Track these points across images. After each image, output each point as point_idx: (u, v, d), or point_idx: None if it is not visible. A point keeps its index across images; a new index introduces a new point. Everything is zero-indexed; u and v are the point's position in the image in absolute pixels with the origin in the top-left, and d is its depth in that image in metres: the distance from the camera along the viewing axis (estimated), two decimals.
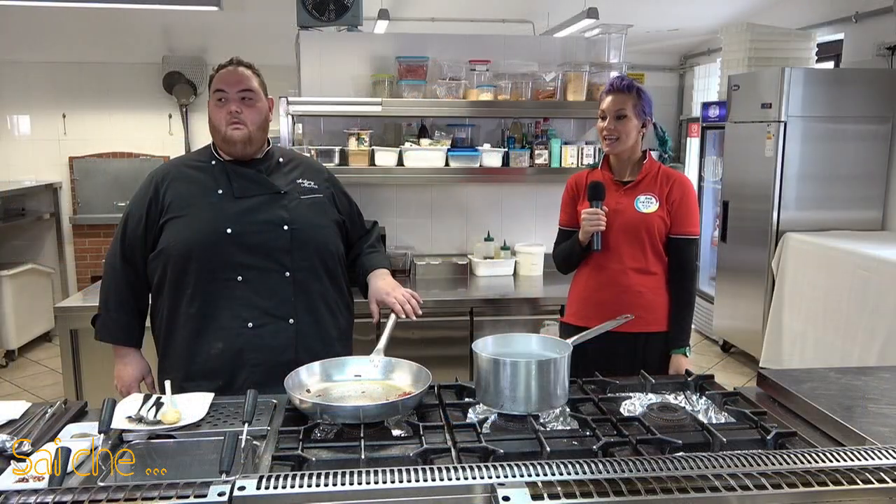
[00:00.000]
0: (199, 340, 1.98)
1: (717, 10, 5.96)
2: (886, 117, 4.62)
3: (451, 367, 3.14)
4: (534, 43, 4.00)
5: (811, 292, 4.30)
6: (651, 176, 2.36)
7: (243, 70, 2.02)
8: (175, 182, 2.04)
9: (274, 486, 1.10)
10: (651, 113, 2.37)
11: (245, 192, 2.02)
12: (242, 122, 1.98)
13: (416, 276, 3.65)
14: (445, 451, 1.43)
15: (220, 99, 1.99)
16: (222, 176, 2.03)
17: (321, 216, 2.12)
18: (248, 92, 2.00)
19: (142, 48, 5.96)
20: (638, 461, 1.19)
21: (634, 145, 2.35)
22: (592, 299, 2.40)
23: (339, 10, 3.55)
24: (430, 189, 3.80)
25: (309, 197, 2.11)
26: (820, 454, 1.23)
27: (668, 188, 2.34)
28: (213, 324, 1.97)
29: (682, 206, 2.33)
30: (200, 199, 2.01)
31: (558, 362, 1.60)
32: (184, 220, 1.99)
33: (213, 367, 1.96)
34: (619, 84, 2.34)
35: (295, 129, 3.65)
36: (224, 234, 1.96)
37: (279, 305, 2.00)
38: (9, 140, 6.03)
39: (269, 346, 1.98)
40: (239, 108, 1.98)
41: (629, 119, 2.30)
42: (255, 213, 2.00)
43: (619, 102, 2.30)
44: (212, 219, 1.98)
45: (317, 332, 2.06)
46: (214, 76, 2.03)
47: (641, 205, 2.33)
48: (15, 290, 5.07)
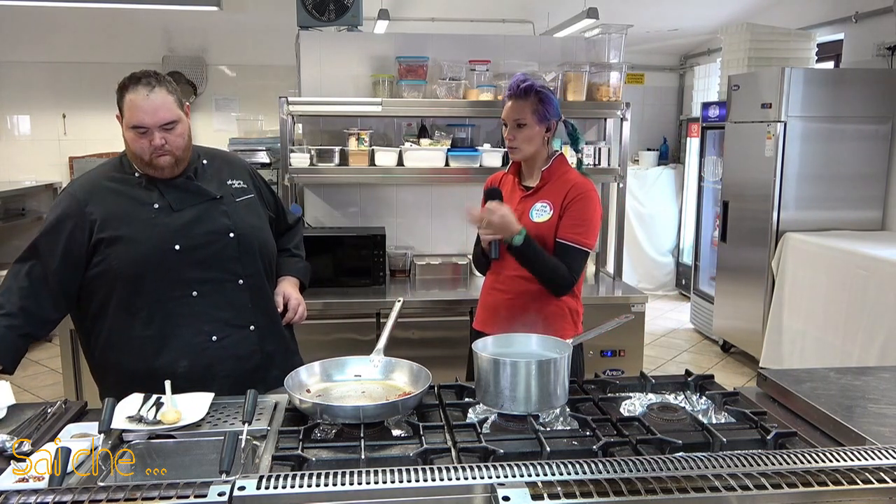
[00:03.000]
0: (159, 360, 1.88)
1: (717, 10, 5.96)
2: (886, 117, 4.62)
3: (451, 367, 3.14)
4: (534, 43, 4.01)
5: (811, 292, 4.30)
6: (552, 182, 2.24)
7: (158, 97, 1.82)
8: (99, 198, 1.88)
9: (274, 486, 1.10)
10: (556, 113, 2.24)
11: (182, 204, 1.91)
12: (167, 151, 1.85)
13: (416, 276, 3.65)
14: (445, 451, 1.43)
15: (141, 132, 1.82)
16: (152, 189, 1.90)
17: (257, 217, 2.07)
18: (170, 124, 1.84)
19: (142, 48, 5.96)
20: (638, 461, 1.19)
21: (538, 151, 2.24)
22: (489, 304, 2.36)
23: (339, 10, 3.55)
24: (430, 189, 3.79)
25: (243, 199, 2.04)
26: (820, 454, 1.23)
27: (564, 194, 2.21)
28: (175, 342, 1.89)
29: (571, 213, 2.19)
30: (137, 216, 1.88)
31: (558, 362, 1.60)
32: (125, 240, 1.85)
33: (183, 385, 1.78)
34: (516, 89, 2.20)
35: (295, 129, 3.66)
36: (172, 251, 1.87)
37: (238, 314, 1.96)
38: (9, 140, 6.03)
39: (235, 355, 1.95)
40: (163, 141, 1.83)
41: (529, 126, 2.19)
42: (198, 225, 1.92)
43: (518, 110, 2.19)
44: (156, 236, 1.86)
45: (274, 333, 2.05)
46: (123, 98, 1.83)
47: (535, 213, 2.22)
48: None
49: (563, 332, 2.21)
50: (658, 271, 7.16)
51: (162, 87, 1.84)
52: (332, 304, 3.17)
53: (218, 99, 6.17)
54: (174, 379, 1.75)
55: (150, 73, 1.85)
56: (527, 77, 2.25)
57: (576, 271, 2.20)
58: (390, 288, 3.49)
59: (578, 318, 2.34)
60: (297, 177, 3.43)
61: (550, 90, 2.27)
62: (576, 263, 2.20)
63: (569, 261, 2.18)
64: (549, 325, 2.20)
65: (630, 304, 3.25)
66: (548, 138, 2.25)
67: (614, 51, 3.73)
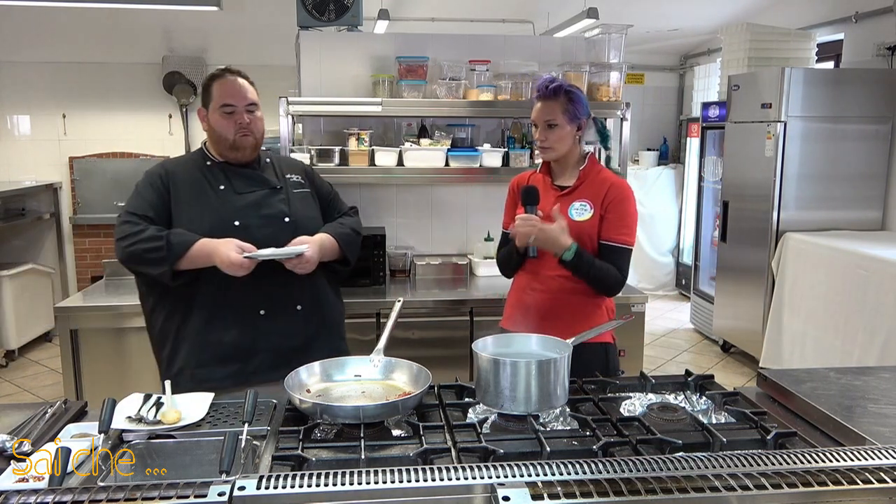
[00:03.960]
0: (211, 328, 2.07)
1: (717, 10, 5.96)
2: (886, 117, 4.62)
3: (451, 367, 3.14)
4: (534, 43, 4.00)
5: (811, 292, 4.30)
6: (589, 181, 2.25)
7: (244, 83, 2.15)
8: (175, 177, 2.15)
9: (274, 486, 1.10)
10: (586, 111, 2.24)
11: (245, 188, 2.16)
12: (251, 131, 2.14)
13: (416, 276, 3.65)
14: (445, 451, 1.43)
15: (228, 112, 2.11)
16: (220, 175, 2.16)
17: (312, 209, 2.29)
18: (253, 105, 2.15)
19: (142, 48, 5.96)
20: (638, 461, 1.19)
21: (570, 150, 2.25)
22: (523, 304, 2.33)
23: (339, 10, 3.55)
24: (430, 189, 3.79)
25: (299, 191, 2.28)
26: (820, 454, 1.23)
27: (603, 193, 2.21)
28: (226, 311, 2.08)
29: (613, 212, 2.20)
30: (205, 194, 2.13)
31: (558, 362, 1.60)
32: (193, 211, 2.09)
33: (226, 354, 2.07)
34: (545, 90, 2.20)
35: (295, 129, 3.66)
36: (232, 227, 2.08)
37: (287, 294, 2.13)
38: (9, 140, 6.03)
39: (279, 332, 2.11)
40: (248, 119, 2.13)
41: (560, 126, 2.19)
42: (258, 208, 2.14)
43: (548, 111, 2.19)
44: (219, 211, 2.10)
45: (320, 317, 2.21)
46: (212, 85, 2.14)
47: (575, 212, 2.22)
48: (15, 290, 5.07)
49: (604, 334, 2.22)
50: (658, 271, 7.16)
51: (244, 78, 2.18)
52: None
53: None
54: (221, 346, 2.06)
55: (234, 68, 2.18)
56: (555, 77, 2.25)
57: (625, 271, 2.22)
58: (390, 288, 3.49)
59: (613, 317, 2.32)
60: None
61: (579, 89, 2.26)
62: (624, 263, 2.22)
63: (617, 261, 2.20)
64: (587, 323, 2.19)
65: (630, 304, 3.25)
66: (579, 137, 2.26)
67: (614, 51, 3.72)
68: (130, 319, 3.18)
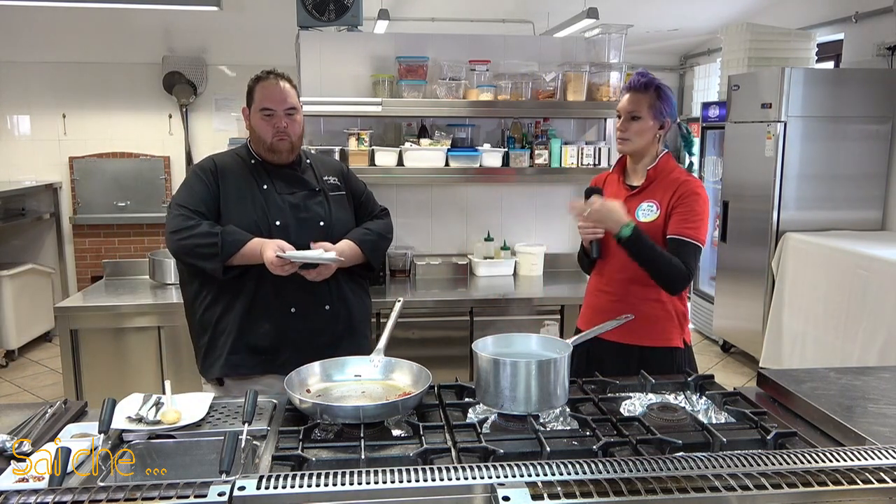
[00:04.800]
0: (248, 319, 2.18)
1: (717, 10, 5.96)
2: (886, 117, 4.62)
3: (451, 367, 3.14)
4: (534, 43, 4.00)
5: (811, 292, 4.30)
6: (658, 181, 2.20)
7: (286, 87, 2.21)
8: (226, 172, 2.24)
9: (274, 486, 1.10)
10: (672, 114, 2.22)
11: (286, 189, 2.26)
12: (287, 135, 2.21)
13: (416, 276, 3.65)
14: (445, 451, 1.43)
15: (267, 115, 2.18)
16: (264, 173, 2.25)
17: (346, 212, 2.37)
18: (292, 109, 2.21)
19: (142, 48, 5.95)
20: (638, 461, 1.19)
21: (647, 147, 2.21)
22: (595, 305, 2.33)
23: (339, 10, 3.55)
24: (430, 189, 3.79)
25: (336, 194, 2.36)
26: (820, 454, 1.23)
27: (671, 193, 2.17)
28: (263, 305, 2.19)
29: (679, 209, 2.14)
30: (248, 192, 2.22)
31: (558, 362, 1.60)
32: (239, 208, 2.19)
33: (259, 344, 2.19)
34: (636, 82, 2.20)
35: None
36: (273, 226, 2.18)
37: (317, 294, 2.22)
38: (9, 140, 6.03)
39: (309, 328, 2.22)
40: (286, 123, 2.19)
41: (643, 120, 2.17)
42: (297, 210, 2.24)
43: (634, 102, 2.18)
44: (260, 210, 2.19)
45: (347, 317, 2.30)
46: (256, 87, 2.21)
47: (642, 213, 2.19)
48: (15, 290, 5.07)
49: (670, 337, 2.20)
50: None
51: (286, 80, 2.23)
52: None
53: (218, 99, 6.17)
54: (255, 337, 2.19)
55: (278, 71, 2.23)
56: (648, 73, 2.24)
57: (692, 266, 2.13)
58: (390, 288, 3.49)
59: (685, 322, 2.27)
60: None
61: (670, 89, 2.25)
62: (690, 258, 2.12)
63: (683, 255, 2.11)
64: (655, 328, 2.19)
65: None
66: (660, 136, 2.22)
67: (614, 51, 3.72)
68: (130, 319, 3.19)
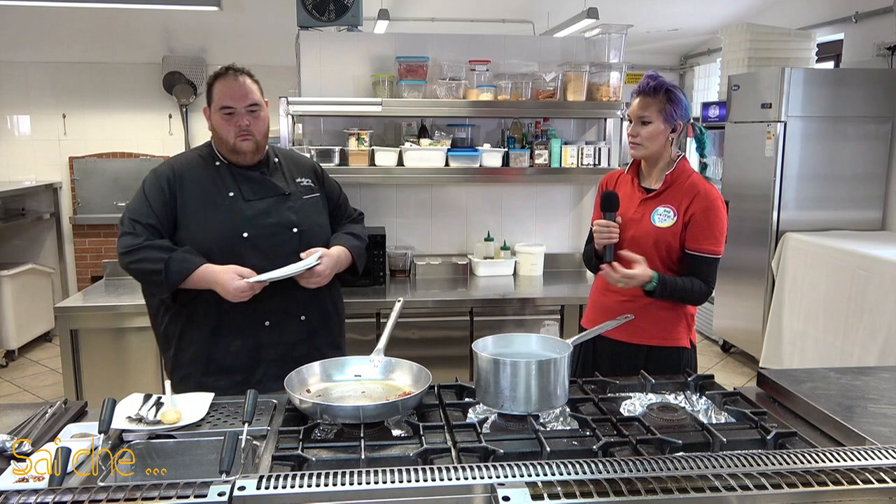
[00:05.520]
0: (216, 338, 2.05)
1: (717, 10, 5.96)
2: (886, 117, 4.61)
3: (451, 367, 3.14)
4: (534, 43, 4.00)
5: (811, 292, 4.30)
6: (675, 186, 2.19)
7: (247, 82, 2.06)
8: (185, 181, 2.08)
9: (274, 486, 1.10)
10: (685, 116, 2.20)
11: (254, 195, 2.10)
12: (251, 134, 2.06)
13: (416, 276, 3.65)
14: (445, 451, 1.43)
15: (228, 114, 2.04)
16: (229, 178, 2.10)
17: (321, 215, 2.23)
18: (255, 106, 2.06)
19: (142, 48, 5.96)
20: (638, 461, 1.19)
21: (660, 151, 2.20)
22: (599, 304, 2.34)
23: (339, 10, 3.55)
24: (430, 189, 3.79)
25: (310, 197, 2.20)
26: (820, 454, 1.23)
27: (689, 201, 2.16)
28: (232, 321, 2.05)
29: (699, 222, 2.15)
30: (214, 200, 2.06)
31: (558, 362, 1.60)
32: (202, 220, 2.04)
33: (232, 364, 2.06)
34: (646, 86, 2.18)
35: (295, 129, 3.66)
36: (240, 238, 2.04)
37: (291, 303, 2.10)
38: (9, 140, 6.03)
39: (284, 342, 2.10)
40: (248, 122, 2.04)
41: (654, 124, 2.16)
42: (266, 217, 2.08)
43: (644, 107, 2.17)
44: (228, 221, 2.04)
45: (324, 326, 2.20)
46: (214, 84, 2.06)
47: (658, 218, 2.18)
48: (15, 290, 5.07)
49: (677, 337, 2.21)
50: None
51: (247, 76, 2.08)
52: None
53: None
54: (227, 356, 2.04)
55: (237, 67, 2.08)
56: (658, 75, 2.22)
57: (712, 281, 2.18)
58: (390, 288, 3.49)
59: (692, 322, 2.29)
60: None
61: (682, 91, 2.23)
62: (711, 273, 2.18)
63: (704, 271, 2.16)
64: (664, 328, 2.21)
65: None
66: (672, 139, 2.20)
67: (614, 51, 3.72)
68: (130, 319, 3.19)
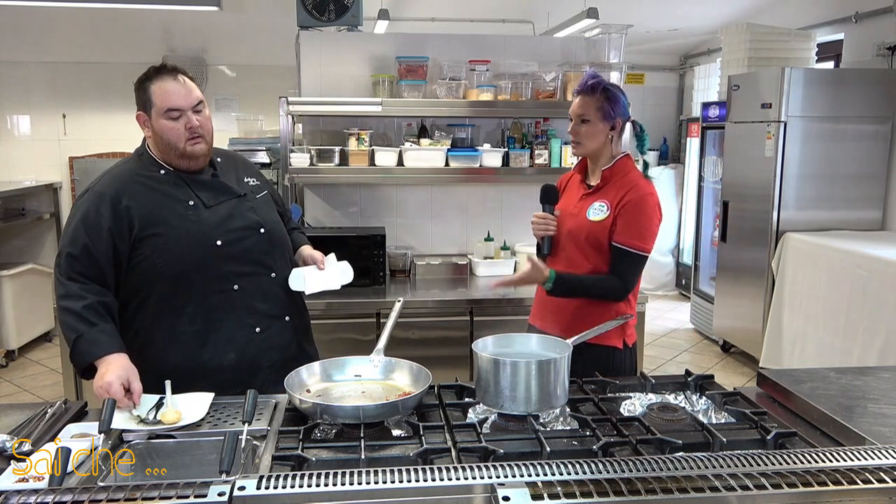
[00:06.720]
0: (206, 354, 1.93)
1: (717, 10, 5.96)
2: (886, 117, 4.61)
3: (451, 367, 3.14)
4: (534, 43, 4.00)
5: (811, 292, 4.30)
6: (613, 182, 2.22)
7: (187, 80, 1.91)
8: (135, 196, 1.89)
9: (274, 486, 1.10)
10: (623, 112, 2.22)
11: (213, 200, 1.96)
12: (202, 136, 1.91)
13: (416, 276, 3.65)
14: (445, 451, 1.43)
15: (175, 117, 1.87)
16: (183, 186, 1.94)
17: (275, 213, 2.14)
18: (200, 104, 1.91)
19: (142, 48, 5.95)
20: (638, 461, 1.19)
21: (600, 149, 2.23)
22: (543, 300, 2.33)
23: (339, 10, 3.55)
24: (430, 189, 3.79)
25: (261, 195, 2.11)
26: (820, 454, 1.23)
27: (622, 195, 2.17)
28: (221, 336, 1.94)
29: (625, 215, 2.15)
30: (174, 213, 1.91)
31: (558, 362, 1.60)
32: (167, 237, 1.88)
33: (228, 378, 1.91)
34: (584, 85, 2.22)
35: (295, 129, 3.66)
36: (214, 247, 1.91)
37: (275, 306, 2.03)
38: (9, 140, 6.03)
39: (277, 345, 2.03)
40: (198, 121, 1.89)
41: (592, 123, 2.19)
42: (231, 221, 1.96)
43: (583, 105, 2.20)
44: (198, 233, 1.90)
45: (303, 323, 2.16)
46: (150, 87, 1.88)
47: (593, 212, 2.20)
48: (15, 290, 5.07)
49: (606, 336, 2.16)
50: (658, 271, 7.16)
51: (183, 73, 1.92)
52: (332, 304, 3.17)
53: (218, 99, 6.16)
54: (221, 373, 1.92)
55: (168, 65, 1.92)
56: (597, 75, 2.25)
57: (629, 278, 2.16)
58: (390, 288, 3.49)
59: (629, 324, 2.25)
60: (298, 177, 3.43)
61: (620, 89, 2.25)
62: (630, 268, 2.16)
63: (623, 267, 2.15)
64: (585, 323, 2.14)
65: None
66: (612, 137, 2.23)
67: (614, 51, 3.73)
68: None
